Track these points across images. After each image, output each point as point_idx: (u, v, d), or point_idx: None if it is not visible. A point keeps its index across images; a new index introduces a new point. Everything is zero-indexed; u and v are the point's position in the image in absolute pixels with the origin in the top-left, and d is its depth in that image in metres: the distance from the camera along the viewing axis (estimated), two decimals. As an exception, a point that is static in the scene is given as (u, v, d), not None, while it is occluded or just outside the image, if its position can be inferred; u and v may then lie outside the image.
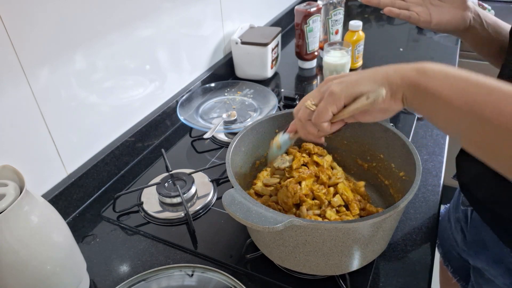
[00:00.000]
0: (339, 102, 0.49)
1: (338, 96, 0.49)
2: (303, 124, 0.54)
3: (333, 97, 0.49)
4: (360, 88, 0.48)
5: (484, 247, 0.71)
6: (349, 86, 0.49)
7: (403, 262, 0.67)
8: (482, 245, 0.71)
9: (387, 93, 0.47)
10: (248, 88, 1.14)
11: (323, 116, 0.51)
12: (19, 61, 0.66)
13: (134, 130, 0.94)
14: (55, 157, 0.77)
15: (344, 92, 0.49)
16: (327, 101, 0.50)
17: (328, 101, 0.50)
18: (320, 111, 0.51)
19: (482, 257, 0.71)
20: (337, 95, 0.49)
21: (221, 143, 1.00)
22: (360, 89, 0.48)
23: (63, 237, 0.58)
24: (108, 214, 0.80)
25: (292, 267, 0.60)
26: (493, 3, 1.74)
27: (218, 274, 0.61)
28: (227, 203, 0.52)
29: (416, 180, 0.57)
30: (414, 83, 0.45)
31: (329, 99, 0.50)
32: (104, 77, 0.85)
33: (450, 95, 0.43)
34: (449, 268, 0.90)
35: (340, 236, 0.53)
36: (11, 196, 0.51)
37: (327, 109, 0.50)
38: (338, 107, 0.50)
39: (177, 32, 1.04)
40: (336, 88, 0.49)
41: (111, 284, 0.66)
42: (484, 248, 0.70)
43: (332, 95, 0.49)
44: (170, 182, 0.83)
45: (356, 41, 1.26)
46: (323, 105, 0.50)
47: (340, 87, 0.49)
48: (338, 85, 0.49)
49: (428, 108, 0.46)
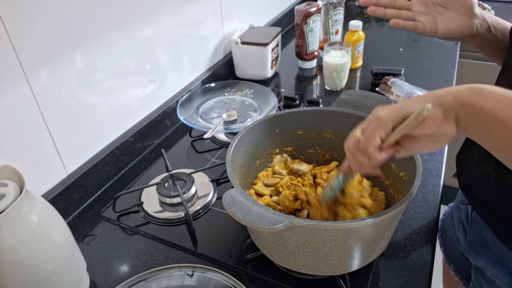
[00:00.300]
0: (387, 126, 0.48)
1: (385, 119, 0.48)
2: (353, 155, 0.53)
3: (380, 121, 0.48)
4: (408, 109, 0.46)
5: (484, 246, 0.71)
6: (396, 109, 0.48)
7: (403, 262, 0.67)
8: (483, 245, 0.71)
9: (438, 112, 0.45)
10: (248, 88, 1.14)
11: (371, 141, 0.49)
12: (19, 61, 0.66)
13: (134, 130, 0.94)
14: (55, 157, 0.77)
15: (391, 114, 0.48)
16: (374, 126, 0.49)
17: (374, 125, 0.49)
18: (367, 136, 0.49)
19: (483, 257, 0.71)
20: (383, 119, 0.48)
21: (221, 143, 1.00)
22: (407, 110, 0.46)
23: (63, 237, 0.58)
24: (108, 214, 0.80)
25: (292, 267, 0.60)
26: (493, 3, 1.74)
27: (218, 274, 0.61)
28: (227, 203, 0.52)
29: (416, 181, 0.57)
30: (468, 102, 0.44)
31: (376, 124, 0.49)
32: (104, 77, 0.85)
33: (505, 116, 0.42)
34: (451, 267, 0.90)
35: (340, 237, 0.53)
36: (11, 196, 0.51)
37: (374, 134, 0.49)
38: (385, 131, 0.48)
39: (177, 32, 1.04)
40: (383, 112, 0.48)
41: (111, 284, 0.66)
42: (485, 248, 0.70)
43: (379, 119, 0.48)
44: (170, 182, 0.83)
45: (356, 41, 1.26)
46: (370, 130, 0.49)
47: (387, 111, 0.48)
48: (385, 110, 0.49)
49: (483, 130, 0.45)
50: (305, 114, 0.76)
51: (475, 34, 0.71)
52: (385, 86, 1.14)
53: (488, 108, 0.43)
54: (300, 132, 0.78)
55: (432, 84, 1.17)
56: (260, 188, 0.72)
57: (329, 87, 1.21)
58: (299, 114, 0.76)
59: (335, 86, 1.20)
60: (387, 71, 1.20)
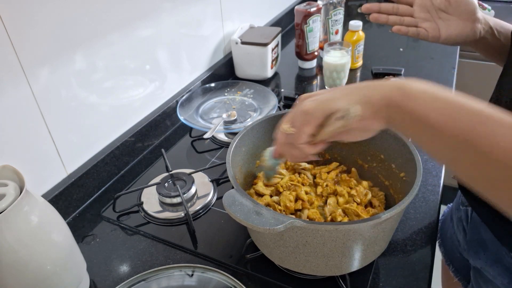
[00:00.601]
0: (314, 121, 0.47)
1: (311, 113, 0.46)
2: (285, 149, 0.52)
3: (307, 116, 0.47)
4: (334, 104, 0.45)
5: (483, 247, 0.71)
6: (323, 102, 0.46)
7: (403, 262, 0.67)
8: (482, 245, 0.71)
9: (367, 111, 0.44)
10: (248, 88, 1.14)
11: (301, 137, 0.48)
12: (19, 61, 0.66)
13: (134, 130, 0.94)
14: (55, 157, 0.77)
15: (318, 109, 0.46)
16: (301, 121, 0.48)
17: (302, 121, 0.47)
18: (296, 133, 0.49)
19: (482, 257, 0.71)
20: (310, 113, 0.47)
21: (221, 143, 1.00)
22: (334, 105, 0.45)
23: (63, 237, 0.58)
24: (108, 214, 0.80)
25: (292, 267, 0.60)
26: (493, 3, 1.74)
27: (218, 274, 0.61)
28: (228, 204, 0.52)
29: (417, 182, 0.57)
30: (397, 104, 0.42)
31: (303, 119, 0.47)
32: (104, 77, 0.85)
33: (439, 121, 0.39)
34: (451, 268, 0.90)
35: (341, 237, 0.53)
36: (11, 196, 0.51)
37: (303, 130, 0.48)
38: (313, 126, 0.47)
39: (177, 32, 1.04)
40: (309, 105, 0.47)
41: (111, 284, 0.66)
42: (484, 248, 0.71)
43: (306, 114, 0.47)
44: (170, 182, 0.83)
45: (356, 41, 1.26)
46: (298, 125, 0.48)
47: (313, 104, 0.47)
48: (312, 103, 0.47)
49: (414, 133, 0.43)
50: (305, 114, 0.76)
51: (478, 39, 0.71)
52: (385, 86, 1.13)
53: (418, 112, 0.41)
54: (300, 132, 0.78)
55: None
56: (260, 188, 0.72)
57: (329, 87, 1.21)
58: (299, 114, 0.76)
59: (335, 86, 1.20)
60: (387, 71, 1.20)
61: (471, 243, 0.75)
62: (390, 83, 0.44)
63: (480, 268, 0.72)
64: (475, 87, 1.62)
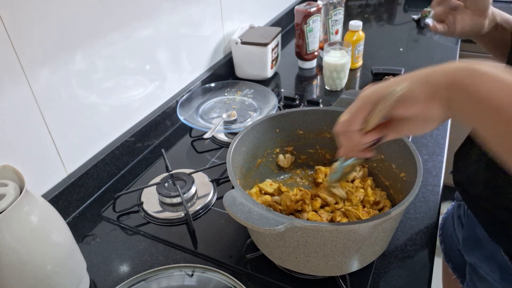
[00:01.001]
0: (368, 105, 0.45)
1: (366, 99, 0.45)
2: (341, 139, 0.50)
3: (362, 100, 0.45)
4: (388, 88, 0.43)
5: (478, 243, 0.71)
6: (379, 87, 0.44)
7: (403, 262, 0.67)
8: (477, 242, 0.71)
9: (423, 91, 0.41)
10: (248, 88, 1.14)
11: (354, 122, 0.46)
12: (19, 61, 0.66)
13: (134, 130, 0.94)
14: (55, 157, 0.77)
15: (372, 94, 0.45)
16: (357, 105, 0.46)
17: (357, 105, 0.46)
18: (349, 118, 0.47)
19: (476, 254, 0.72)
20: (366, 97, 0.45)
21: (221, 143, 0.99)
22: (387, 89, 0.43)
23: (63, 237, 0.58)
24: (108, 214, 0.80)
25: (292, 267, 0.60)
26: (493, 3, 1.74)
27: (218, 274, 0.61)
28: (228, 204, 0.52)
29: (417, 182, 0.57)
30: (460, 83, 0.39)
31: (358, 104, 0.46)
32: (104, 77, 0.85)
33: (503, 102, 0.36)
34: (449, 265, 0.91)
35: (341, 238, 0.53)
36: (11, 196, 0.51)
37: (356, 115, 0.46)
38: (366, 111, 0.45)
39: (177, 32, 1.04)
40: (366, 92, 0.46)
41: (111, 284, 0.66)
42: (478, 245, 0.71)
43: (361, 99, 0.45)
44: (170, 182, 0.83)
45: (356, 41, 1.26)
46: (353, 111, 0.46)
47: (369, 90, 0.45)
48: (369, 90, 0.46)
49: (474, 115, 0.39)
50: (305, 114, 0.76)
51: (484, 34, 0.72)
52: (385, 86, 1.13)
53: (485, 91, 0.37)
54: (301, 132, 0.78)
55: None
56: (264, 186, 0.72)
57: (329, 87, 1.21)
58: (300, 114, 0.76)
59: (335, 86, 1.20)
60: (387, 71, 1.20)
61: (467, 240, 0.75)
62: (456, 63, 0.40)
63: (474, 264, 0.73)
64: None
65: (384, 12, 1.84)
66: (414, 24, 1.66)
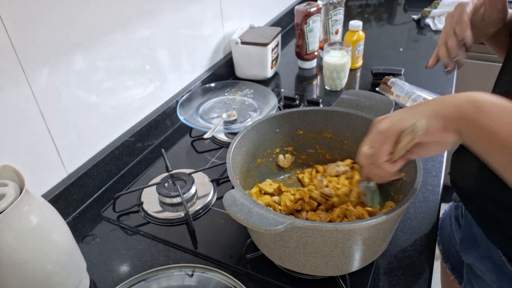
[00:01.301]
0: (389, 139, 0.50)
1: (386, 133, 0.50)
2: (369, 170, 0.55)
3: (382, 135, 0.50)
4: (405, 122, 0.48)
5: (474, 243, 0.71)
6: (396, 122, 0.49)
7: (403, 262, 0.67)
8: (473, 241, 0.72)
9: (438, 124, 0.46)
10: (248, 88, 1.14)
11: (380, 156, 0.51)
12: (19, 61, 0.66)
13: (134, 130, 0.94)
14: (55, 157, 0.77)
15: (392, 128, 0.49)
16: (380, 141, 0.51)
17: (379, 141, 0.51)
18: (375, 153, 0.52)
19: (473, 253, 0.72)
20: (385, 133, 0.50)
21: (221, 143, 0.99)
22: (404, 123, 0.48)
23: (63, 237, 0.58)
24: (108, 214, 0.80)
25: (292, 267, 0.60)
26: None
27: (218, 274, 0.61)
28: (228, 204, 0.52)
29: (417, 182, 0.57)
30: (468, 118, 0.44)
31: (379, 138, 0.51)
32: (104, 77, 0.85)
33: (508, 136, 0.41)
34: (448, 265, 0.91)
35: (341, 238, 0.53)
36: (11, 196, 0.51)
37: (381, 149, 0.51)
38: (389, 145, 0.50)
39: (177, 32, 1.04)
40: (384, 126, 0.50)
41: (111, 284, 0.66)
42: (475, 244, 0.71)
43: (381, 134, 0.50)
44: (170, 182, 0.83)
45: (356, 41, 1.26)
46: (376, 146, 0.51)
47: (387, 124, 0.50)
48: (386, 123, 0.50)
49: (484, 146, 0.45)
50: (305, 114, 0.76)
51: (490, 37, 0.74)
52: (385, 86, 1.14)
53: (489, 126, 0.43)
54: (301, 132, 0.78)
55: (432, 84, 1.18)
56: (264, 186, 0.72)
57: (329, 87, 1.21)
58: (300, 114, 0.76)
59: (335, 86, 1.20)
60: (387, 71, 1.20)
61: (463, 239, 0.75)
62: (461, 95, 0.46)
63: (471, 264, 0.73)
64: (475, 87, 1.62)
65: (384, 12, 1.84)
66: (414, 24, 1.66)
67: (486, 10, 0.69)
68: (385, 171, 0.53)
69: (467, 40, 0.66)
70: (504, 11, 0.69)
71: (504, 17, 0.70)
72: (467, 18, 0.66)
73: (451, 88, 1.17)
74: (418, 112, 0.48)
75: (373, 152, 0.52)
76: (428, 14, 1.64)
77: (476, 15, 0.70)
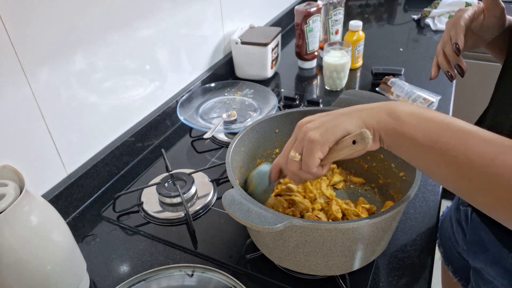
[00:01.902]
0: (324, 148, 0.50)
1: (321, 143, 0.49)
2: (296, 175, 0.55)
3: (316, 144, 0.50)
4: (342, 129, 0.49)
5: (483, 247, 0.71)
6: (329, 131, 0.49)
7: (403, 262, 0.67)
8: (481, 246, 0.71)
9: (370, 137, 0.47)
10: (248, 88, 1.14)
11: (312, 164, 0.51)
12: (19, 61, 0.66)
13: (134, 130, 0.94)
14: (55, 157, 0.77)
15: (326, 137, 0.49)
16: (311, 150, 0.50)
17: (311, 149, 0.50)
18: (307, 161, 0.51)
19: (481, 258, 0.71)
20: (319, 142, 0.49)
21: (221, 143, 1.00)
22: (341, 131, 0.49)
23: (63, 237, 0.58)
24: (108, 214, 0.80)
25: (292, 267, 0.60)
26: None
27: (218, 274, 0.61)
28: (227, 203, 0.52)
29: (416, 181, 0.57)
30: (390, 128, 0.47)
31: (312, 147, 0.50)
32: (104, 77, 0.85)
33: (424, 139, 0.44)
34: (450, 268, 0.90)
35: (340, 237, 0.53)
36: (11, 196, 0.51)
37: (314, 157, 0.50)
38: (323, 153, 0.50)
39: (177, 32, 1.04)
40: (316, 135, 0.50)
41: (111, 284, 0.66)
42: (483, 249, 0.70)
43: (314, 143, 0.50)
44: (170, 182, 0.83)
45: (356, 41, 1.26)
46: (308, 154, 0.51)
47: (319, 132, 0.50)
48: (317, 131, 0.50)
49: (406, 152, 0.48)
50: (305, 114, 0.76)
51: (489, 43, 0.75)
52: (385, 86, 1.14)
53: (408, 133, 0.45)
54: (300, 132, 0.78)
55: (432, 84, 1.17)
56: None
57: (329, 87, 1.21)
58: (299, 114, 0.76)
59: (335, 86, 1.20)
60: (387, 71, 1.20)
61: (471, 244, 0.75)
62: (380, 107, 0.48)
63: (480, 268, 0.72)
64: (475, 87, 1.62)
65: (384, 12, 1.84)
66: (414, 24, 1.66)
67: (485, 17, 0.69)
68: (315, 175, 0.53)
69: (459, 44, 0.67)
70: (502, 18, 0.69)
71: (503, 24, 0.70)
72: (463, 22, 0.67)
73: (451, 87, 1.17)
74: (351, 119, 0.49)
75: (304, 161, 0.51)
76: (428, 14, 1.64)
77: (475, 22, 0.70)
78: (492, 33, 0.71)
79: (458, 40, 0.67)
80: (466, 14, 0.68)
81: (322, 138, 0.49)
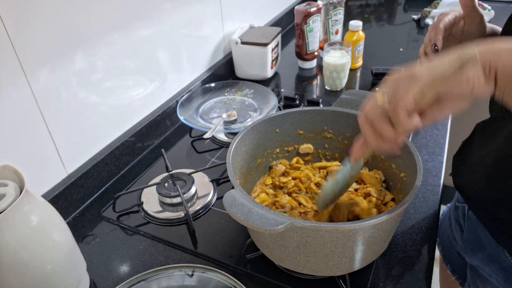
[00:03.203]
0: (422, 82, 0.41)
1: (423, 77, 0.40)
2: (375, 124, 0.45)
3: (415, 79, 0.41)
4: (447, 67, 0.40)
5: (480, 245, 0.71)
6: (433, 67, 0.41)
7: (403, 262, 0.67)
8: (478, 244, 0.71)
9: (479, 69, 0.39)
10: (248, 88, 1.14)
11: (403, 101, 0.41)
12: (19, 61, 0.66)
13: (134, 130, 0.94)
14: (55, 157, 0.77)
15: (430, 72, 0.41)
16: (407, 84, 0.41)
17: (408, 84, 0.41)
18: (400, 96, 0.41)
19: (478, 255, 0.72)
20: (420, 77, 0.41)
21: (221, 143, 1.00)
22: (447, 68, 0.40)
23: (63, 237, 0.58)
24: (108, 214, 0.80)
25: (292, 267, 0.60)
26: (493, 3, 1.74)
27: (218, 274, 0.61)
28: (228, 204, 0.52)
29: (417, 182, 0.57)
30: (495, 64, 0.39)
31: (410, 82, 0.41)
32: (104, 77, 0.85)
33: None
34: (448, 267, 0.91)
35: (341, 238, 0.53)
36: (11, 196, 0.51)
37: (408, 92, 0.41)
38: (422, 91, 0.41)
39: (177, 32, 1.04)
40: (416, 70, 0.41)
41: (111, 284, 0.66)
42: (480, 247, 0.71)
43: (414, 77, 0.41)
44: (170, 182, 0.83)
45: (356, 41, 1.26)
46: (402, 88, 0.41)
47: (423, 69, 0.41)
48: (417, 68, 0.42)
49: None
50: (305, 114, 0.76)
51: None
52: (385, 86, 1.14)
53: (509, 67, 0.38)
54: (301, 132, 0.78)
55: (432, 84, 1.18)
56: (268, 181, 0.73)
57: (329, 87, 1.21)
58: (300, 114, 0.76)
59: (335, 86, 1.20)
60: (387, 71, 1.20)
61: (468, 242, 0.75)
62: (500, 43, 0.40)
63: (477, 266, 0.73)
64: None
65: (384, 12, 1.84)
66: (414, 24, 1.66)
67: (465, 24, 0.71)
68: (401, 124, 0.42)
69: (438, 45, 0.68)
70: (482, 25, 0.71)
71: (483, 30, 0.71)
72: (443, 25, 0.69)
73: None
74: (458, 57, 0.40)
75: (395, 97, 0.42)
76: (428, 14, 1.64)
77: (456, 27, 0.72)
78: (474, 39, 0.72)
79: (436, 41, 0.69)
80: (446, 18, 0.70)
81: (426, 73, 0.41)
